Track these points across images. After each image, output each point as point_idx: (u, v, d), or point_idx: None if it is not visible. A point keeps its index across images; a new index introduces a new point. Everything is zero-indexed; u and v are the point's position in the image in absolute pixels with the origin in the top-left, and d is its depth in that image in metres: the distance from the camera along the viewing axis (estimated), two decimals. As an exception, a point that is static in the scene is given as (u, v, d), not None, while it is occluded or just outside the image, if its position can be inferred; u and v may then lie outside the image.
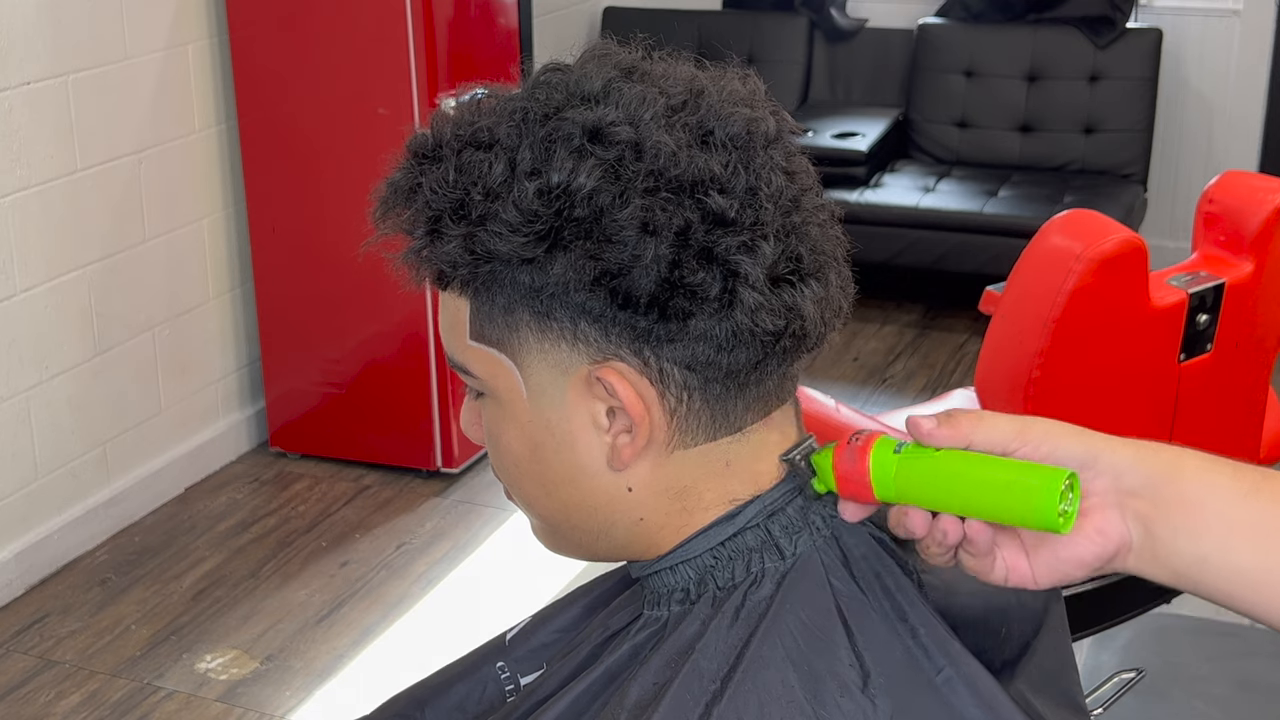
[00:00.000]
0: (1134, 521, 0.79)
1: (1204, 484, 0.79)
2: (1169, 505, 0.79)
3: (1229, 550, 0.78)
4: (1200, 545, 0.78)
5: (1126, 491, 0.79)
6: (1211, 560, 0.79)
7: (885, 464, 0.81)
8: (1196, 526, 0.78)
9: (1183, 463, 0.80)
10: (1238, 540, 0.78)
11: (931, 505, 0.80)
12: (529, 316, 0.82)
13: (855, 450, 0.82)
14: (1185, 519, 0.78)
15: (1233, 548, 0.78)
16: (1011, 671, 0.93)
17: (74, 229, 3.17)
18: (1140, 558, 0.80)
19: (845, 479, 0.82)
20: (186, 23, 3.43)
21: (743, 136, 0.82)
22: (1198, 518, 0.78)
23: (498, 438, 0.88)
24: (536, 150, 0.80)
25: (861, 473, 0.81)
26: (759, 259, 0.79)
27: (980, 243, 4.41)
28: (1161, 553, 0.79)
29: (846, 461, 0.82)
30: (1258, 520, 0.78)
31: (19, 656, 2.91)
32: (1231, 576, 0.79)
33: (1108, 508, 0.79)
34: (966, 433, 0.80)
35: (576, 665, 0.91)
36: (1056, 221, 2.09)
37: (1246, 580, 0.79)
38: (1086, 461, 0.79)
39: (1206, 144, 4.77)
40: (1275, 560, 0.78)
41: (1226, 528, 0.78)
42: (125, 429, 3.40)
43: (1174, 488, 0.79)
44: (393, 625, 3.02)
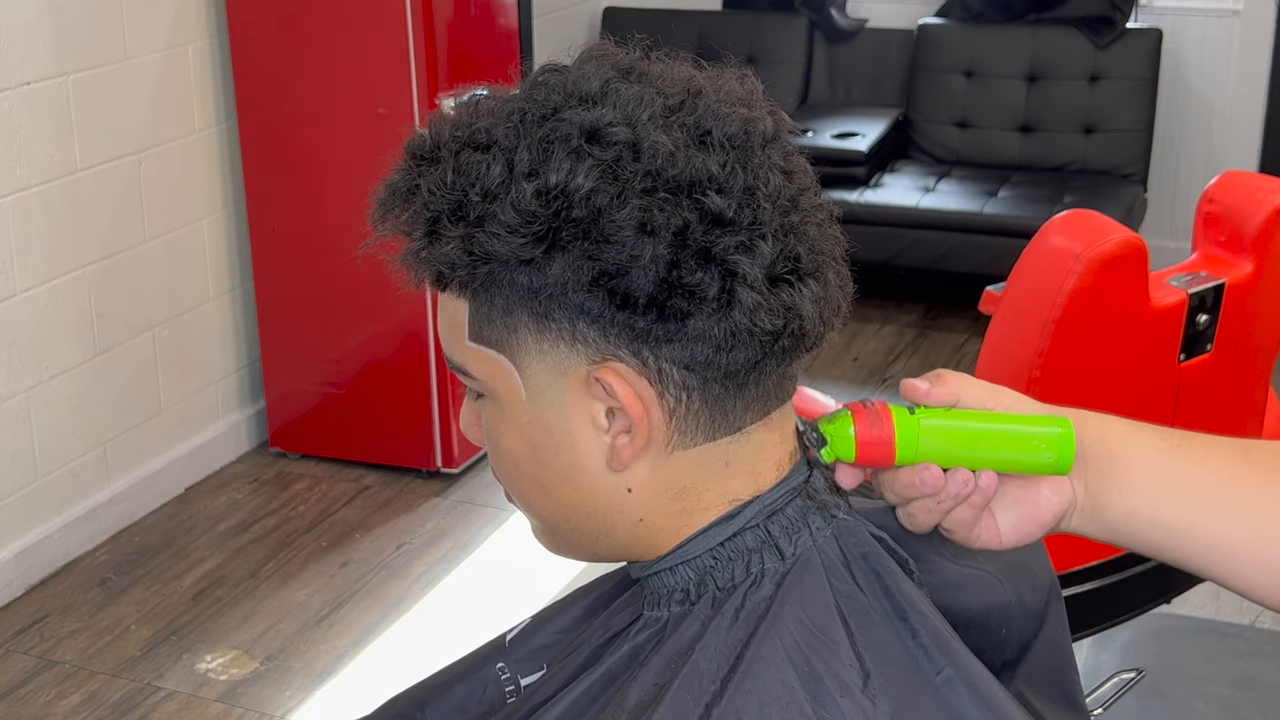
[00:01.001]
0: (1077, 481, 0.87)
1: (1130, 445, 0.87)
2: (1102, 462, 0.87)
3: (1155, 504, 0.86)
4: (1130, 499, 0.86)
5: None
6: (1140, 513, 0.86)
7: (909, 425, 0.85)
8: (1125, 483, 0.86)
9: (1109, 426, 0.88)
10: (1162, 495, 0.86)
11: (952, 462, 0.85)
12: (527, 317, 0.82)
13: (877, 413, 0.85)
14: (1116, 477, 0.86)
15: (1158, 502, 0.86)
16: (1011, 671, 0.93)
17: (74, 229, 3.17)
18: (1082, 516, 0.88)
19: (868, 443, 0.85)
20: (186, 23, 3.43)
21: (740, 136, 0.82)
22: (1126, 475, 0.86)
23: (497, 439, 0.88)
24: (534, 151, 0.80)
25: (887, 436, 0.85)
26: (757, 259, 0.79)
27: (980, 243, 4.41)
28: (1099, 508, 0.87)
29: (871, 426, 0.85)
30: (1180, 476, 0.86)
31: (19, 656, 2.91)
32: (1158, 528, 0.86)
33: None
34: (955, 389, 0.87)
35: (577, 666, 0.91)
36: (1056, 221, 2.09)
37: (1172, 531, 0.86)
38: None
39: (1206, 144, 4.76)
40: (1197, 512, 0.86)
41: (1152, 483, 0.86)
42: (125, 429, 3.40)
43: (1105, 449, 0.87)
44: (393, 625, 3.02)
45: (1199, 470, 0.87)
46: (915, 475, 0.85)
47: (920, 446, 0.85)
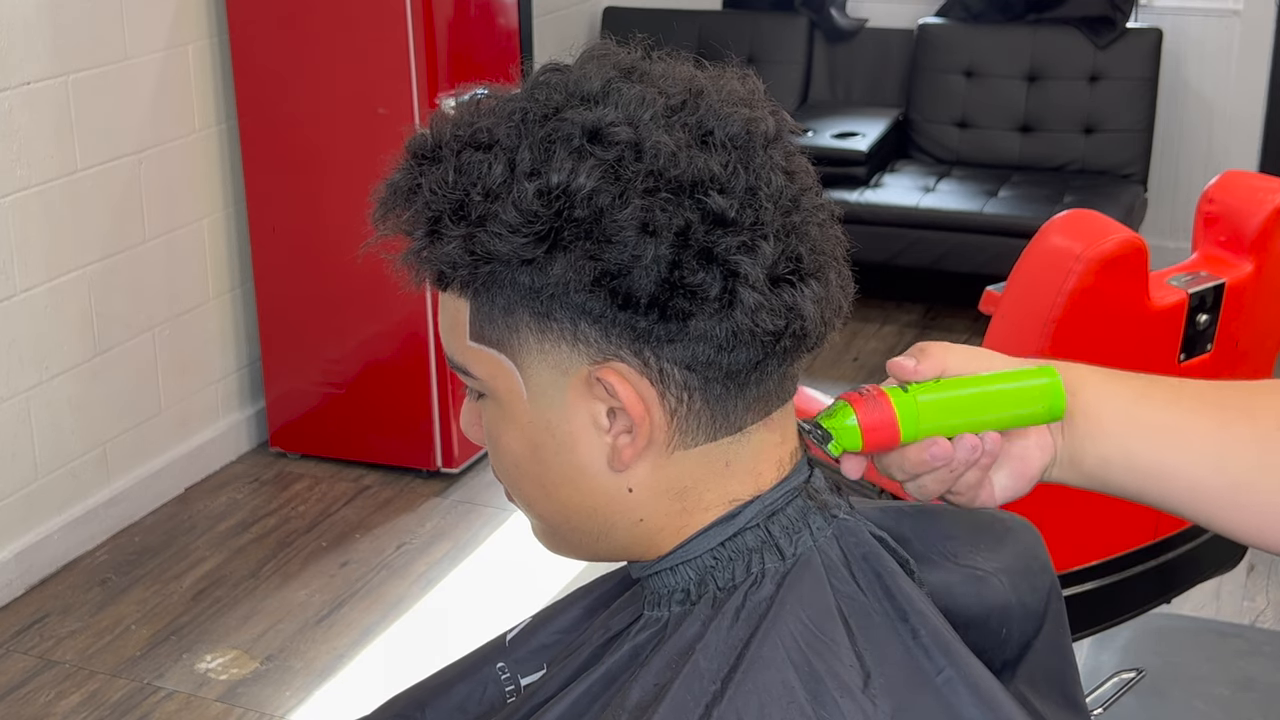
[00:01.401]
0: (1056, 433, 0.90)
1: (1101, 393, 0.89)
2: (1074, 415, 0.89)
3: (1127, 450, 0.88)
4: (1101, 447, 0.89)
5: None
6: (1113, 460, 0.89)
7: (907, 404, 0.86)
8: (1096, 431, 0.88)
9: (1084, 378, 0.90)
10: (1133, 440, 0.88)
11: (955, 430, 0.87)
12: (529, 317, 0.82)
13: (874, 399, 0.87)
14: (1088, 425, 0.89)
15: (1129, 448, 0.88)
16: (1012, 671, 0.93)
17: (74, 229, 3.17)
18: (1062, 467, 0.90)
19: (872, 428, 0.86)
20: (186, 23, 3.43)
21: (742, 136, 0.82)
22: (1096, 423, 0.89)
23: (498, 439, 0.88)
24: (536, 151, 0.79)
25: (889, 418, 0.86)
26: (759, 259, 0.79)
27: (980, 243, 4.41)
28: (1075, 458, 0.90)
29: (872, 411, 0.86)
30: (1147, 421, 0.88)
31: (19, 656, 2.91)
32: (1132, 473, 0.88)
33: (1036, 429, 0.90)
34: (940, 360, 0.89)
35: (577, 666, 0.91)
36: (1056, 221, 2.09)
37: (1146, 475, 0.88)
38: None
39: (1206, 144, 4.76)
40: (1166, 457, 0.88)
41: (1122, 430, 0.88)
42: (125, 429, 3.40)
43: (1077, 400, 0.89)
44: (393, 625, 3.02)
45: (1165, 415, 0.88)
46: (924, 451, 0.87)
47: (921, 422, 0.87)
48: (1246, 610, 3.05)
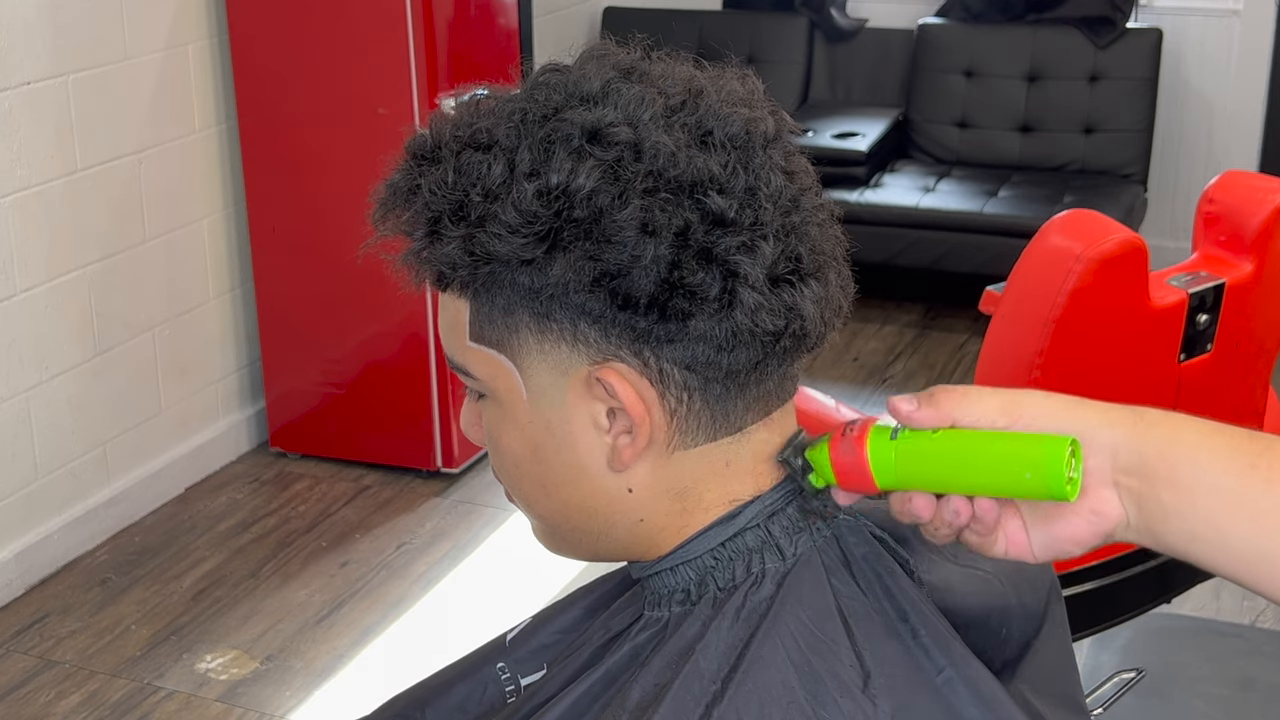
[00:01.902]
0: (1128, 499, 0.78)
1: (1198, 460, 0.77)
2: (1159, 483, 0.77)
3: (1220, 529, 0.77)
4: (1191, 524, 0.77)
5: (1121, 469, 0.78)
6: (1204, 538, 0.77)
7: (883, 452, 0.80)
8: (1186, 505, 0.77)
9: (1180, 435, 0.78)
10: (1229, 519, 0.76)
11: (936, 488, 0.80)
12: (528, 317, 0.82)
13: (851, 441, 0.81)
14: (1175, 497, 0.77)
15: (1224, 526, 0.77)
16: (1012, 671, 0.93)
17: (74, 229, 3.17)
18: (1138, 533, 0.79)
19: (845, 471, 0.81)
20: (186, 23, 3.43)
21: (741, 136, 0.82)
22: (1187, 496, 0.77)
23: (498, 439, 0.88)
24: (535, 151, 0.79)
25: (861, 464, 0.80)
26: (758, 259, 0.79)
27: (980, 243, 4.41)
28: (1156, 529, 0.78)
29: (844, 454, 0.81)
30: (1253, 502, 0.76)
31: (19, 656, 2.91)
32: (1226, 555, 0.77)
33: (1103, 486, 0.78)
34: (949, 411, 0.79)
35: (577, 666, 0.91)
36: (1056, 221, 2.09)
37: (1241, 559, 0.77)
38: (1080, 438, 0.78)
39: (1206, 144, 4.76)
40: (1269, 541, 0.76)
41: (1218, 505, 0.76)
42: (125, 429, 3.40)
43: (1166, 464, 0.77)
44: (393, 625, 3.02)
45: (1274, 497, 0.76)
46: (902, 504, 0.81)
47: (899, 471, 0.80)
48: (1246, 610, 3.05)
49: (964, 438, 0.78)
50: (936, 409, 0.79)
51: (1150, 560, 2.32)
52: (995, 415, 0.79)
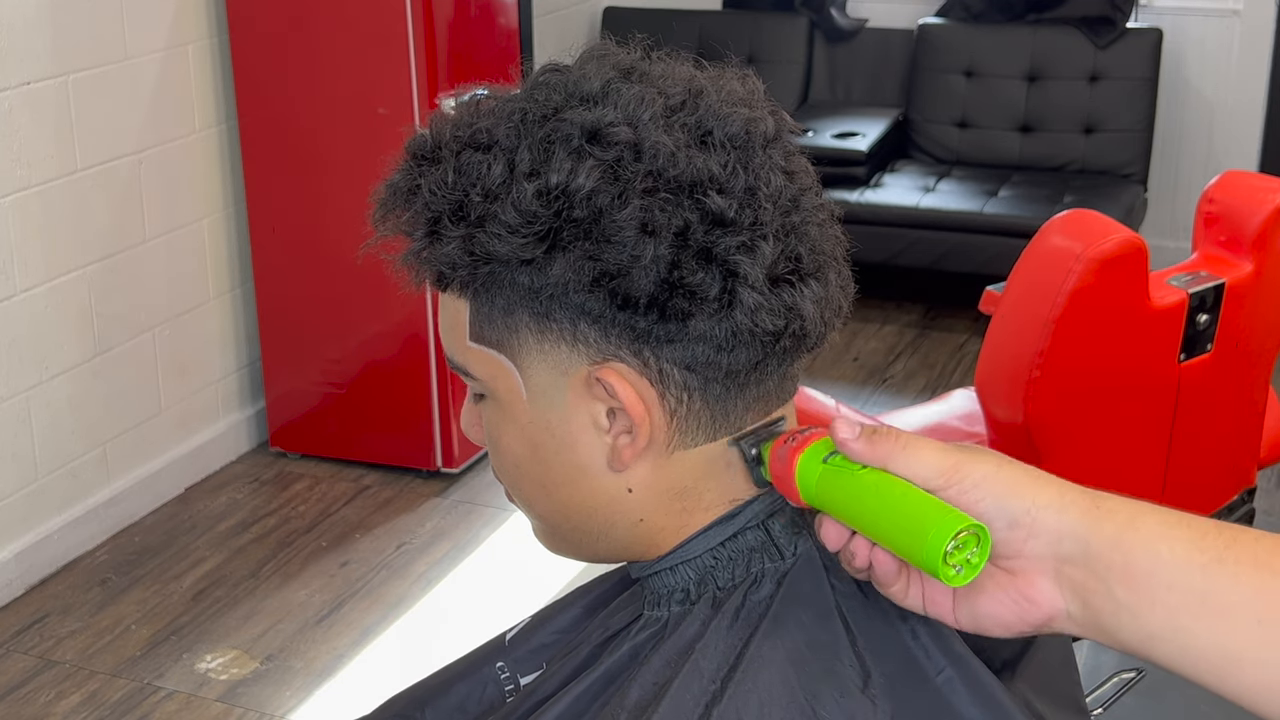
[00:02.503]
0: (1070, 593, 0.73)
1: (1156, 552, 0.70)
2: (1113, 577, 0.71)
3: (1180, 629, 0.70)
4: (1146, 622, 0.70)
5: (1063, 558, 0.72)
6: (1162, 637, 0.70)
7: (810, 471, 0.79)
8: (1141, 601, 0.70)
9: (1137, 524, 0.71)
10: (1190, 618, 0.70)
11: (847, 522, 0.78)
12: (528, 317, 0.82)
13: (788, 450, 0.80)
14: (1129, 593, 0.70)
15: (1184, 626, 0.70)
16: (1012, 671, 0.93)
17: (74, 229, 3.17)
18: (1082, 627, 0.73)
19: (777, 476, 0.81)
20: (186, 23, 3.43)
21: (741, 136, 0.82)
22: (1144, 591, 0.70)
23: (498, 439, 0.88)
24: (535, 151, 0.79)
25: (789, 474, 0.80)
26: (758, 259, 0.79)
27: (980, 243, 4.41)
28: (1105, 625, 0.72)
29: (779, 460, 0.81)
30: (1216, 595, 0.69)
31: (19, 656, 2.91)
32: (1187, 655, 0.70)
33: (1039, 574, 0.73)
34: (884, 456, 0.76)
35: (576, 666, 0.91)
36: (1056, 221, 2.09)
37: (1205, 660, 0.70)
38: (1019, 520, 0.73)
39: (1206, 144, 4.77)
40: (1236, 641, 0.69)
41: (1177, 603, 0.70)
42: (125, 429, 3.40)
43: (1119, 555, 0.71)
44: (393, 625, 3.02)
45: (1243, 592, 0.69)
46: (817, 525, 0.80)
47: (817, 493, 0.78)
48: (1246, 610, 3.04)
49: (881, 485, 0.75)
50: (872, 448, 0.76)
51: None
52: (931, 475, 0.74)
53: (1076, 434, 2.16)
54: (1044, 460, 2.14)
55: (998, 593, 0.74)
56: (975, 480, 0.73)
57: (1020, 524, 0.73)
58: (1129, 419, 2.20)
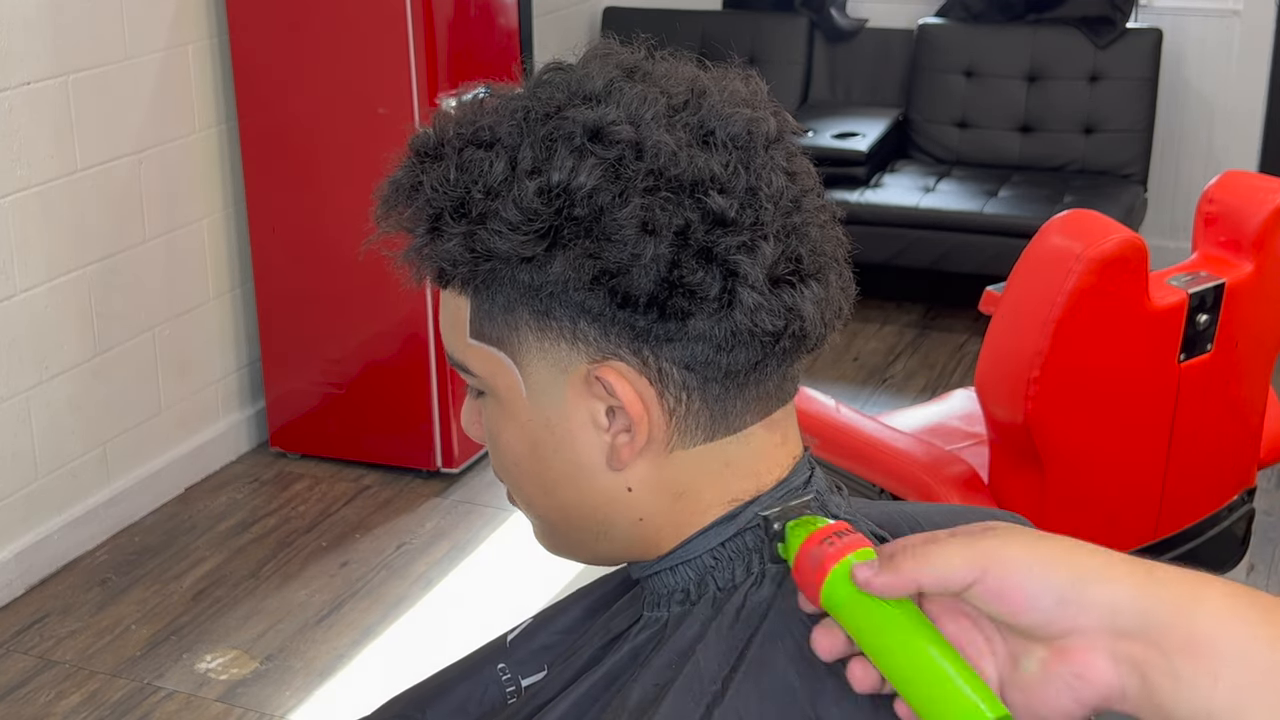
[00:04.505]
0: (1127, 668, 0.67)
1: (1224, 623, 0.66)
2: (1174, 649, 0.66)
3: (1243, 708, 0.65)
4: (1208, 699, 0.65)
5: (1120, 633, 0.67)
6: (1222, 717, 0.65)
7: (839, 587, 0.74)
8: (1205, 677, 0.65)
9: (1202, 594, 0.67)
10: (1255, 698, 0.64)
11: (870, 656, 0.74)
12: (528, 315, 0.82)
13: (822, 557, 0.76)
14: (1193, 667, 0.66)
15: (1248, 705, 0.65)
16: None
17: (74, 229, 3.17)
18: (1138, 706, 0.68)
19: (801, 570, 0.78)
20: (186, 23, 3.43)
21: (743, 137, 0.82)
22: (1208, 666, 0.65)
23: (497, 436, 0.88)
24: (537, 149, 0.79)
25: (816, 581, 0.76)
26: (759, 259, 0.79)
27: (980, 243, 4.41)
28: (1164, 703, 0.67)
29: (809, 561, 0.77)
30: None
31: (19, 656, 2.91)
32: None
33: (1094, 650, 0.68)
34: (910, 574, 0.71)
35: (578, 667, 0.91)
36: (1056, 221, 2.09)
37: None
38: (1066, 595, 0.68)
39: (1206, 144, 4.77)
40: None
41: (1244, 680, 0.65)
42: (125, 429, 3.40)
43: (1184, 628, 0.66)
44: (393, 625, 3.02)
45: None
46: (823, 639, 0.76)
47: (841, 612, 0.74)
48: (1246, 610, 3.04)
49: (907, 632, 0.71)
50: (896, 574, 0.71)
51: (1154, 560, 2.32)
52: (962, 572, 0.70)
53: (1076, 434, 2.16)
54: (1044, 460, 2.14)
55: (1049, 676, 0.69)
56: (1010, 566, 0.69)
57: (1069, 600, 0.68)
58: (1129, 419, 2.20)
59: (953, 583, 0.70)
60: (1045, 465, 2.14)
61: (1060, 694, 0.69)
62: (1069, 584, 0.68)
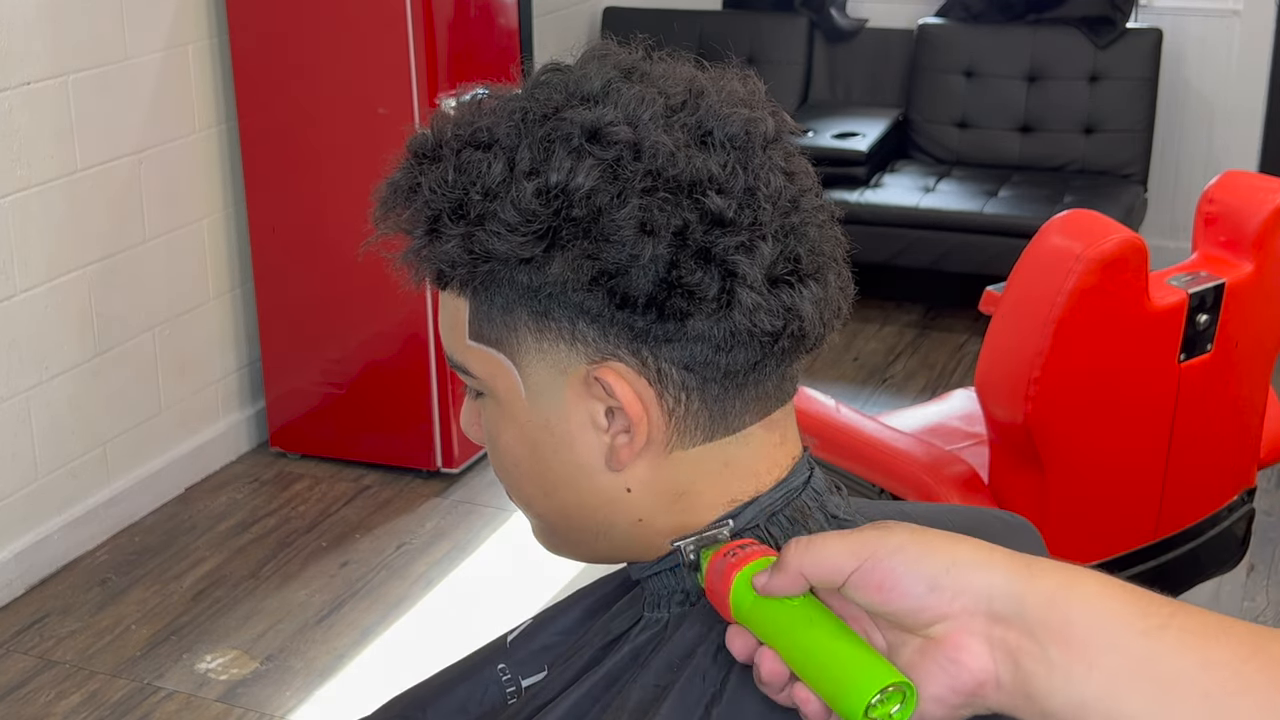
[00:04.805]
0: (1001, 654, 0.68)
1: (1098, 612, 0.66)
2: (1048, 637, 0.66)
3: (1116, 696, 0.65)
4: (1080, 687, 0.66)
5: (995, 617, 0.68)
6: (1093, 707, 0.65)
7: (744, 594, 0.76)
8: (1079, 665, 0.66)
9: (1077, 584, 0.67)
10: (1128, 686, 0.65)
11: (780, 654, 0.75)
12: (527, 316, 0.82)
13: (726, 566, 0.78)
14: (1067, 655, 0.66)
15: (1121, 694, 0.65)
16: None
17: (74, 229, 3.17)
18: (1011, 695, 0.68)
19: (711, 589, 0.79)
20: (186, 23, 3.43)
21: (741, 137, 0.82)
22: (1081, 654, 0.66)
23: (497, 437, 0.88)
24: (535, 150, 0.79)
25: (723, 593, 0.78)
26: (757, 259, 0.79)
27: (980, 243, 4.41)
28: (1036, 691, 0.67)
29: (714, 576, 0.79)
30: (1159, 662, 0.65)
31: (19, 656, 2.91)
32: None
33: (968, 634, 0.69)
34: (797, 569, 0.72)
35: (578, 668, 0.91)
36: (1056, 221, 2.09)
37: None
38: (939, 580, 0.69)
39: (1206, 144, 4.77)
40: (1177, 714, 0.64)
41: (1116, 669, 0.65)
42: (125, 429, 3.40)
43: (1057, 613, 0.66)
44: (393, 625, 3.02)
45: (1186, 663, 0.64)
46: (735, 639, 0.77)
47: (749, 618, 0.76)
48: (1246, 610, 3.05)
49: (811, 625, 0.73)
50: (785, 571, 0.73)
51: (1150, 560, 2.32)
52: (844, 560, 0.71)
53: (1076, 434, 2.16)
54: (1044, 460, 2.14)
55: (925, 663, 0.70)
56: (889, 550, 0.70)
57: (942, 585, 0.69)
58: (1129, 419, 2.20)
59: (835, 571, 0.71)
60: (1045, 465, 2.14)
61: (935, 679, 0.69)
62: (943, 570, 0.69)
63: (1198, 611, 0.66)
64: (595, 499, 0.85)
